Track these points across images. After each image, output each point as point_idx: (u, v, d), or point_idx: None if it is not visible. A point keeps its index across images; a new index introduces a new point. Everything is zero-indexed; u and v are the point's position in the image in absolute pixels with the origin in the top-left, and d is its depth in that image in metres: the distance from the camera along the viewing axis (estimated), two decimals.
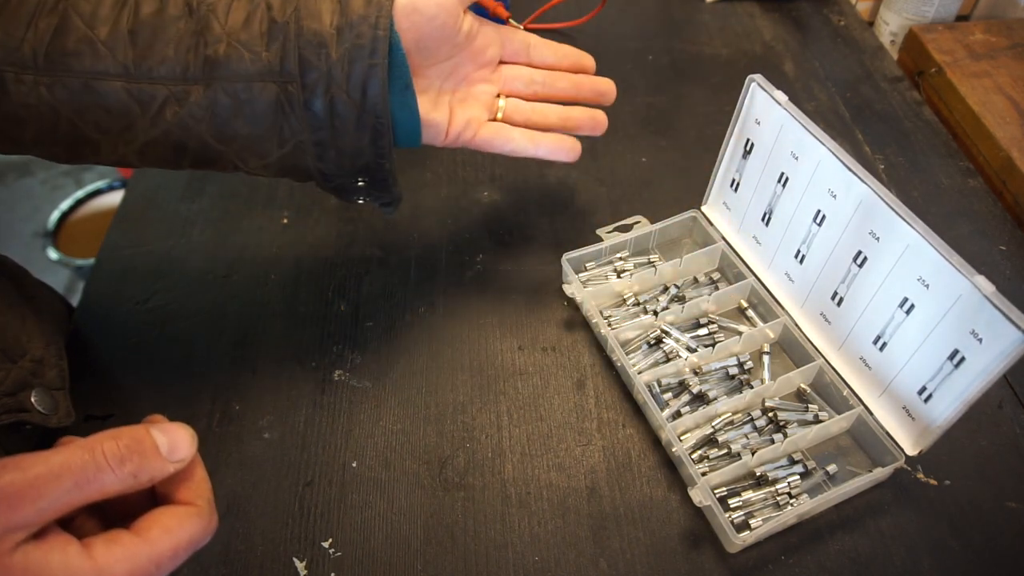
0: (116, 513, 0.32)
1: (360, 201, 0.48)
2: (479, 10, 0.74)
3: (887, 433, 0.45)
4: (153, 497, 0.32)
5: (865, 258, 0.45)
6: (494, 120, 0.51)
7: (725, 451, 0.46)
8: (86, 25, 0.39)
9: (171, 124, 0.41)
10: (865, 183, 0.43)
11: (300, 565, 0.43)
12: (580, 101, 0.53)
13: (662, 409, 0.48)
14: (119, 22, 0.39)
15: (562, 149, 0.51)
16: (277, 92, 0.41)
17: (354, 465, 0.47)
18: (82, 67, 0.39)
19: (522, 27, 0.72)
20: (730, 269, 0.55)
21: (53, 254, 1.65)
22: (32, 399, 0.44)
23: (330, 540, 0.44)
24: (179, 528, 0.30)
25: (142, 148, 0.42)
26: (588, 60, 0.54)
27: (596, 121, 0.53)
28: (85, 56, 0.39)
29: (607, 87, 0.53)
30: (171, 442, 0.30)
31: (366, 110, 0.41)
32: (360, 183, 0.45)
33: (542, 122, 0.52)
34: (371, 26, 0.40)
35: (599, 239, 0.57)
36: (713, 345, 0.50)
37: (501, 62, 0.51)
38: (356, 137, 0.42)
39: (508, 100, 0.51)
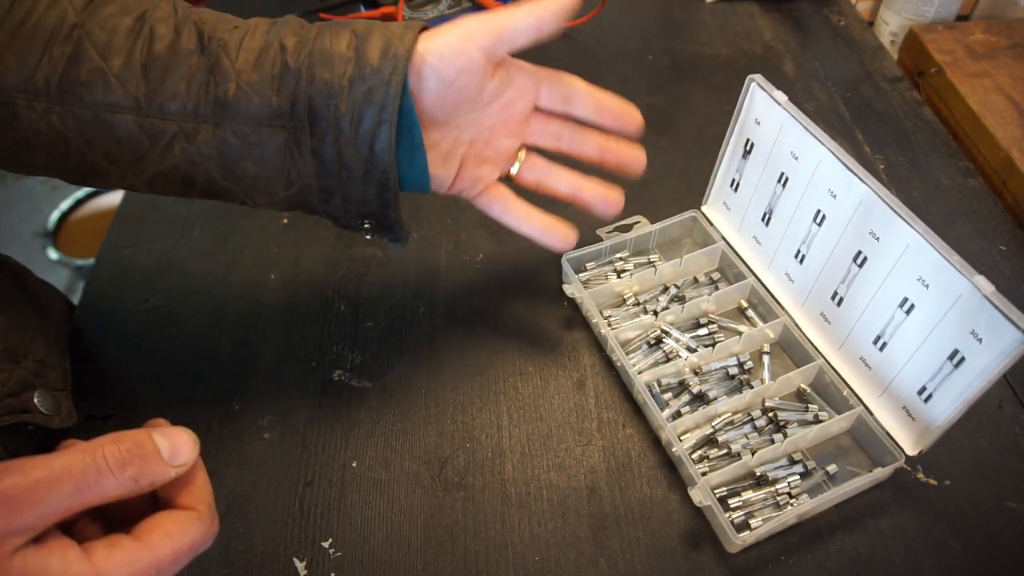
0: (118, 517, 0.32)
1: (367, 237, 0.47)
2: (480, 11, 0.74)
3: (887, 433, 0.45)
4: (155, 501, 0.32)
5: (865, 258, 0.45)
6: (507, 175, 0.49)
7: (725, 451, 0.46)
8: (100, 56, 0.38)
9: (179, 159, 0.41)
10: (865, 183, 0.43)
11: (300, 565, 0.43)
12: (603, 166, 0.50)
13: (662, 409, 0.48)
14: (133, 54, 0.39)
15: (555, 237, 0.49)
16: (286, 136, 0.40)
17: (354, 465, 0.47)
18: (94, 98, 0.39)
19: None
20: (730, 269, 0.55)
21: (53, 254, 1.65)
22: (35, 400, 0.44)
23: (330, 540, 0.44)
24: (180, 533, 0.30)
25: (151, 180, 0.42)
26: (631, 117, 0.48)
27: (607, 201, 0.49)
28: (97, 88, 0.39)
29: (633, 158, 0.49)
30: (173, 446, 0.30)
31: (373, 164, 0.41)
32: (366, 225, 0.44)
33: (553, 189, 0.50)
34: (383, 82, 0.39)
35: (599, 239, 0.57)
36: (713, 345, 0.50)
37: (537, 108, 0.48)
38: (362, 188, 0.41)
39: (527, 158, 0.49)
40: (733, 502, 0.44)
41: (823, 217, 0.47)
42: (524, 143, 0.49)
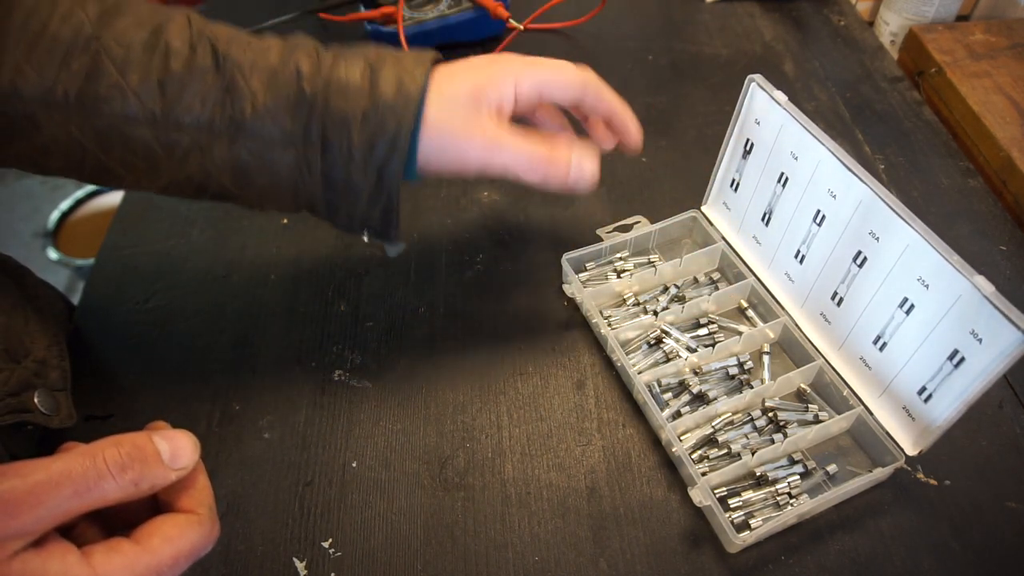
0: (118, 521, 0.32)
1: (365, 239, 0.48)
2: (480, 11, 0.74)
3: (887, 433, 0.45)
4: (155, 505, 0.32)
5: (865, 258, 0.45)
6: None
7: (725, 451, 0.46)
8: (118, 71, 0.39)
9: (194, 170, 0.41)
10: (865, 183, 0.43)
11: (300, 565, 0.43)
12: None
13: (662, 409, 0.48)
14: (150, 70, 0.40)
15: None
16: (297, 157, 0.41)
17: (354, 465, 0.47)
18: (112, 111, 0.39)
19: (522, 27, 0.73)
20: (730, 269, 0.55)
21: (53, 254, 1.65)
22: (35, 400, 0.44)
23: (330, 540, 0.44)
24: (180, 537, 0.30)
25: (165, 186, 0.43)
26: (637, 139, 0.50)
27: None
28: (115, 102, 0.39)
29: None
30: (173, 449, 0.30)
31: (380, 190, 0.42)
32: (366, 234, 0.46)
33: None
34: (396, 118, 0.40)
35: (599, 239, 0.57)
36: (713, 345, 0.50)
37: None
38: (367, 207, 0.43)
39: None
40: (733, 502, 0.44)
41: (823, 217, 0.47)
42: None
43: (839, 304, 0.48)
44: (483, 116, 0.43)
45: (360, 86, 0.41)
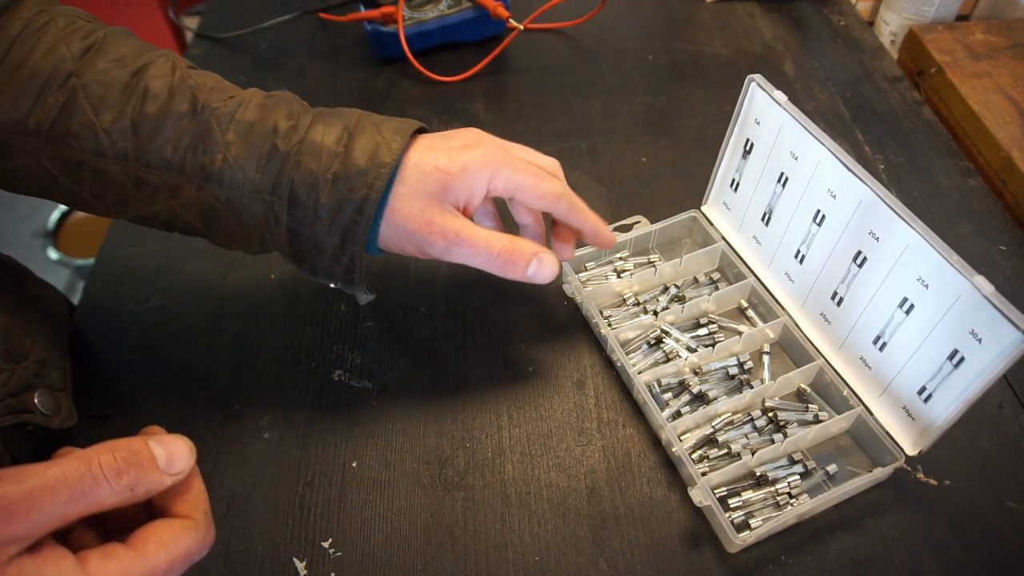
0: (114, 526, 0.32)
1: (332, 286, 0.48)
2: (480, 11, 0.74)
3: (887, 433, 0.45)
4: (151, 510, 0.32)
5: (865, 258, 0.45)
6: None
7: (725, 451, 0.46)
8: (93, 110, 0.40)
9: (162, 208, 0.42)
10: (865, 183, 0.43)
11: (300, 565, 0.43)
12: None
13: (662, 409, 0.48)
14: (124, 111, 0.40)
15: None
16: (265, 208, 0.41)
17: (354, 465, 0.47)
18: (82, 148, 0.40)
19: (522, 27, 0.73)
20: (730, 269, 0.55)
21: (53, 254, 1.65)
22: (35, 400, 0.44)
23: (330, 540, 0.44)
24: (175, 542, 0.30)
25: (133, 217, 0.43)
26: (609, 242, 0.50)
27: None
28: (86, 139, 0.40)
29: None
30: (169, 454, 0.30)
31: (343, 251, 0.42)
32: (332, 286, 0.46)
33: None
34: (367, 185, 0.40)
35: None
36: (713, 345, 0.50)
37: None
38: (331, 264, 0.43)
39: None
40: (733, 502, 0.44)
41: (823, 217, 0.47)
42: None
43: (839, 304, 0.48)
44: (446, 212, 0.43)
45: (334, 150, 0.41)
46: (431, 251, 0.43)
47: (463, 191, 0.43)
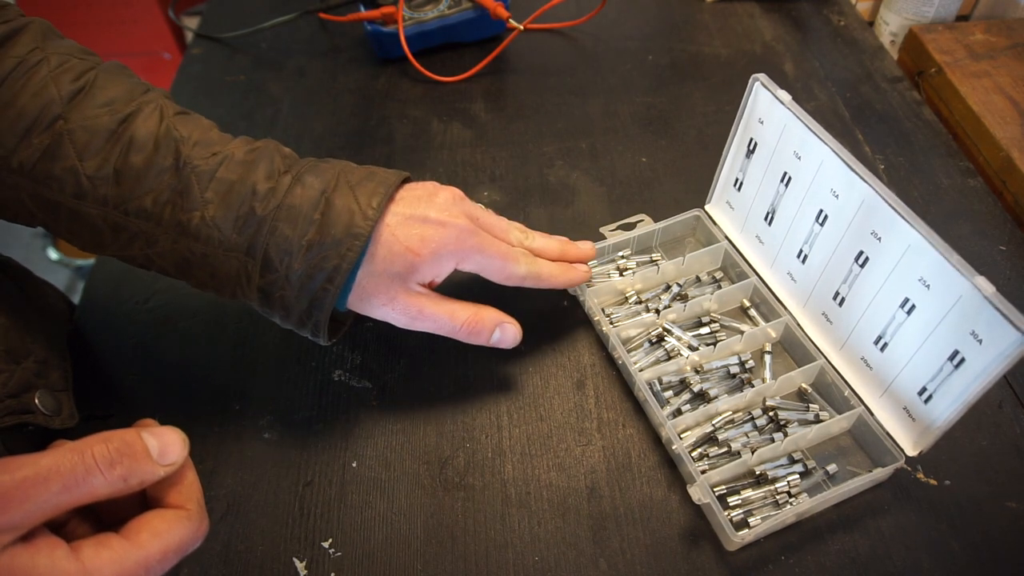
0: (108, 517, 0.32)
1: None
2: (480, 11, 0.74)
3: (887, 433, 0.45)
4: (144, 501, 0.32)
5: (867, 258, 0.45)
6: None
7: (725, 449, 0.46)
8: (76, 155, 0.40)
9: (137, 253, 0.43)
10: (867, 183, 0.43)
11: (300, 565, 0.43)
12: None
13: (663, 407, 0.48)
14: (108, 158, 0.40)
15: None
16: (239, 266, 0.42)
17: (354, 465, 0.47)
18: (63, 191, 0.40)
19: (522, 27, 0.73)
20: (733, 268, 0.55)
21: (53, 254, 1.65)
22: (36, 400, 0.44)
23: (330, 540, 0.44)
24: (168, 532, 0.30)
25: (111, 255, 0.44)
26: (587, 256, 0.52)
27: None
28: (68, 184, 0.40)
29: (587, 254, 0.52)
30: (162, 445, 0.31)
31: (309, 316, 0.43)
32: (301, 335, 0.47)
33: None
34: (339, 256, 0.41)
35: (602, 237, 0.57)
36: (715, 344, 0.50)
37: None
38: (297, 325, 0.44)
39: None
40: (732, 500, 0.44)
41: (825, 217, 0.47)
42: None
43: (841, 304, 0.48)
44: (410, 291, 0.44)
45: (311, 216, 0.41)
46: (394, 322, 0.45)
47: (429, 272, 0.45)
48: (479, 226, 0.46)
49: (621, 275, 0.55)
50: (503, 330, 0.47)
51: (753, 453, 0.45)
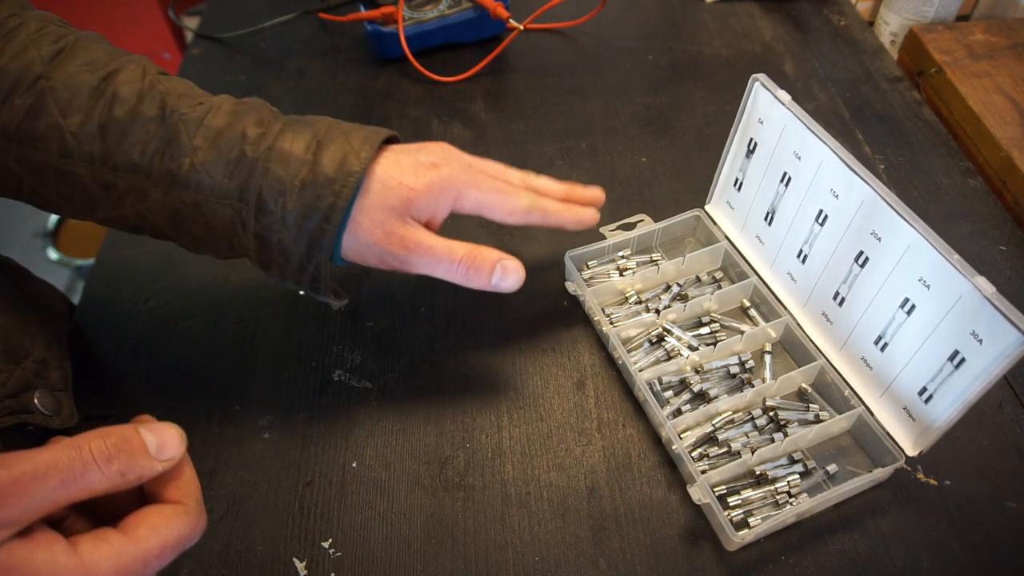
0: (106, 513, 0.32)
1: (301, 293, 0.48)
2: (480, 11, 0.74)
3: (887, 433, 0.45)
4: (142, 496, 0.32)
5: (867, 258, 0.45)
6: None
7: (725, 449, 0.46)
8: (60, 112, 0.39)
9: (129, 211, 0.42)
10: (867, 183, 0.43)
11: (300, 565, 0.43)
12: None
13: (663, 407, 0.48)
14: (92, 114, 0.40)
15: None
16: (232, 213, 0.41)
17: (354, 465, 0.47)
18: (48, 150, 0.40)
19: (522, 27, 0.73)
20: (733, 268, 0.55)
21: (53, 254, 1.65)
22: (36, 400, 0.44)
23: (330, 540, 0.44)
24: (166, 527, 0.30)
25: (101, 220, 0.43)
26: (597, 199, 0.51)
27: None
28: (53, 142, 0.40)
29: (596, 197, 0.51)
30: (159, 441, 0.31)
31: (308, 259, 0.42)
32: (301, 292, 0.45)
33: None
34: (334, 193, 0.40)
35: (602, 237, 0.57)
36: (715, 344, 0.50)
37: None
38: (297, 273, 0.43)
39: None
40: (732, 500, 0.44)
41: (825, 217, 0.47)
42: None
43: (841, 304, 0.48)
44: (407, 224, 0.43)
45: (303, 157, 0.41)
46: (392, 262, 0.43)
47: (426, 208, 0.43)
48: (475, 168, 0.46)
49: (621, 275, 0.55)
50: (504, 268, 0.45)
51: (753, 453, 0.45)
